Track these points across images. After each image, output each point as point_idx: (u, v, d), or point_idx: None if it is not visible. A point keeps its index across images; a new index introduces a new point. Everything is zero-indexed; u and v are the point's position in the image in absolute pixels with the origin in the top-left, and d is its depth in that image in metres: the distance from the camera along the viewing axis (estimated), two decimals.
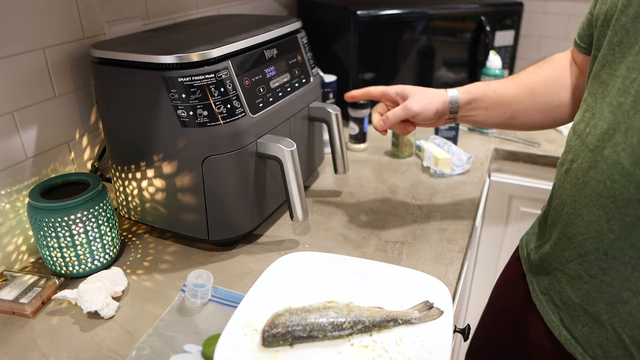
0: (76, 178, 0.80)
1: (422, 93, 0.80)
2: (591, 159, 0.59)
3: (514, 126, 0.83)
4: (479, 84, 0.82)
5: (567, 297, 0.66)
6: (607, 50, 0.61)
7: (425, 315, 0.64)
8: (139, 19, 0.98)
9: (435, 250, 0.83)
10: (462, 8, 1.37)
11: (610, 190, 0.57)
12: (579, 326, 0.64)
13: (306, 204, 0.82)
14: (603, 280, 0.59)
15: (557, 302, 0.68)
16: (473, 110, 0.81)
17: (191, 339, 0.64)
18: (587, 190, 0.60)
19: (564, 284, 0.66)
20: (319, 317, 0.61)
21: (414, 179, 1.08)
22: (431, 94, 0.80)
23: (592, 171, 0.59)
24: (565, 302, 0.66)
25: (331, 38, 1.37)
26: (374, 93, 0.85)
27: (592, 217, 0.60)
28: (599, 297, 0.60)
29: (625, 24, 0.58)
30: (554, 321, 0.69)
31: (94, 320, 0.69)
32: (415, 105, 0.78)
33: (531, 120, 0.81)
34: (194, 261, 0.82)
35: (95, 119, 0.93)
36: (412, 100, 0.79)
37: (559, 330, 0.68)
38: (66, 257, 0.75)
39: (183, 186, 0.78)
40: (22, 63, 0.78)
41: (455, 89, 0.81)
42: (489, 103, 0.80)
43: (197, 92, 0.72)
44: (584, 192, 0.61)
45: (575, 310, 0.64)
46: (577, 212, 0.62)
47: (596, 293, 0.60)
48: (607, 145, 0.57)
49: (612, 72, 0.60)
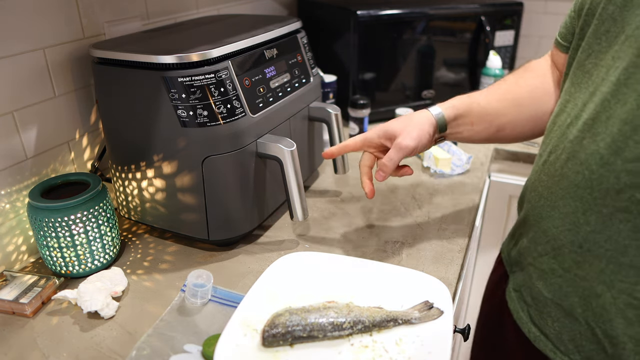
0: (76, 178, 0.80)
1: (408, 124, 0.73)
2: (570, 149, 0.58)
3: (501, 139, 0.80)
4: (462, 98, 0.78)
5: (537, 293, 0.65)
6: (593, 39, 0.59)
7: (425, 315, 0.64)
8: (139, 19, 0.98)
9: (435, 250, 0.83)
10: (462, 8, 1.37)
11: (588, 180, 0.55)
12: (549, 322, 0.64)
13: (306, 204, 0.82)
14: (577, 274, 0.59)
15: (527, 298, 0.68)
16: (459, 127, 0.77)
17: (191, 339, 0.64)
18: (564, 182, 0.59)
19: (535, 280, 0.65)
20: (319, 317, 0.61)
21: (414, 179, 1.08)
22: (418, 121, 0.74)
23: (571, 162, 0.58)
24: (535, 298, 0.66)
25: (331, 38, 1.37)
26: (353, 146, 0.77)
27: (568, 209, 0.59)
28: (572, 291, 0.60)
29: (612, 12, 0.56)
30: (522, 318, 0.69)
31: (94, 320, 0.69)
32: (410, 142, 0.71)
33: (518, 132, 0.79)
34: (194, 261, 0.82)
35: (95, 119, 0.93)
36: (403, 137, 0.72)
37: (528, 327, 0.68)
38: (66, 257, 0.75)
39: (183, 186, 0.78)
40: (22, 63, 0.78)
41: (437, 106, 0.76)
42: (475, 118, 0.76)
43: (197, 92, 0.72)
44: (561, 183, 0.60)
45: (546, 306, 0.64)
46: (553, 204, 0.61)
47: (569, 287, 0.60)
48: (587, 135, 0.56)
49: (597, 61, 0.58)
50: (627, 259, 0.54)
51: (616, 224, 0.54)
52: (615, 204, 0.53)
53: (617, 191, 0.53)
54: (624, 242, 0.53)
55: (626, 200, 0.52)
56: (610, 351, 0.57)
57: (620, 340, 0.56)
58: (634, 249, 0.53)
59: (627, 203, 0.52)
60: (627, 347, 0.55)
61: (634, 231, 0.53)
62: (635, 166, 0.51)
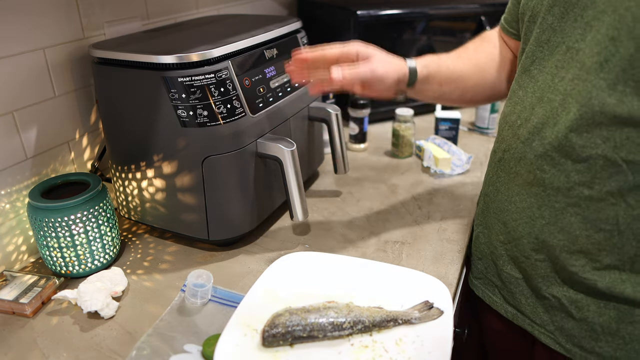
0: (76, 178, 0.80)
1: (385, 58, 0.74)
2: (522, 150, 0.65)
3: (461, 102, 0.84)
4: (433, 58, 0.78)
5: (507, 276, 0.72)
6: (536, 47, 0.65)
7: (425, 315, 0.64)
8: (139, 19, 0.98)
9: (435, 250, 0.83)
10: (462, 8, 1.37)
11: (541, 179, 0.62)
12: (522, 300, 0.71)
13: (306, 204, 0.82)
14: (537, 258, 0.66)
15: (497, 282, 0.75)
16: (427, 85, 0.77)
17: (191, 339, 0.64)
18: (519, 179, 0.66)
19: (502, 265, 0.72)
20: (319, 317, 0.61)
21: (414, 179, 1.08)
22: (394, 61, 0.74)
23: (523, 162, 0.65)
24: (505, 280, 0.73)
25: (331, 38, 1.36)
26: (330, 55, 0.71)
27: (524, 204, 0.66)
28: (535, 274, 0.67)
29: (552, 23, 0.61)
30: (496, 301, 0.76)
31: (94, 320, 0.69)
32: (381, 69, 0.70)
33: (478, 97, 0.83)
34: (194, 261, 0.82)
35: (95, 119, 0.93)
36: (377, 63, 0.71)
37: (504, 308, 0.75)
38: (66, 257, 0.75)
39: (183, 186, 0.78)
40: (22, 63, 0.78)
41: (413, 59, 0.76)
42: (443, 79, 0.78)
43: (197, 92, 0.72)
44: (516, 180, 0.67)
45: (518, 285, 0.71)
46: (511, 199, 0.68)
47: (532, 270, 0.68)
48: (536, 139, 0.62)
49: (541, 68, 0.64)
50: (577, 246, 0.61)
51: (567, 217, 0.61)
52: (566, 199, 0.61)
53: (567, 188, 0.60)
54: (575, 232, 0.61)
55: (575, 196, 0.60)
56: (577, 315, 0.64)
57: (584, 304, 0.63)
58: (584, 238, 0.60)
59: (577, 199, 0.60)
60: (591, 308, 0.63)
61: (583, 223, 0.60)
62: (583, 167, 0.58)
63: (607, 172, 0.56)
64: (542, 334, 0.69)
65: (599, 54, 0.55)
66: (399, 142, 1.17)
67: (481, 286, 0.78)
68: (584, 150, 0.57)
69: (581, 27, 0.57)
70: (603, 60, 0.55)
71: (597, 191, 0.58)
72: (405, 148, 1.18)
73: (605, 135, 0.55)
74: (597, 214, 0.59)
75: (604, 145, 0.56)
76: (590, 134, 0.56)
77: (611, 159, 0.56)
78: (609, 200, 0.57)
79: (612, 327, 0.61)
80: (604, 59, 0.54)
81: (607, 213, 0.58)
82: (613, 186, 0.57)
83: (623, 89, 0.53)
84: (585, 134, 0.57)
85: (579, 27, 0.58)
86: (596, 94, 0.55)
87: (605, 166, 0.56)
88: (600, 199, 0.58)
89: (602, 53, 0.55)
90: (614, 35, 0.53)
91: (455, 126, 1.21)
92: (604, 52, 0.54)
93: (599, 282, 0.61)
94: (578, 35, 0.58)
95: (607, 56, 0.54)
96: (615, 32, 0.53)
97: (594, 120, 0.56)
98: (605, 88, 0.55)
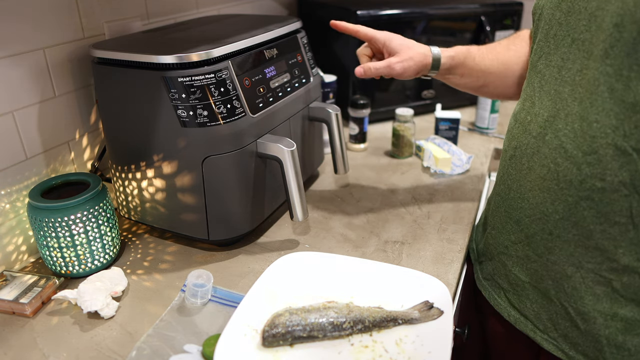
0: (76, 178, 0.80)
1: (407, 53, 0.80)
2: (534, 145, 0.65)
3: (481, 93, 0.88)
4: (463, 50, 0.83)
5: (515, 278, 0.71)
6: (544, 42, 0.66)
7: (425, 315, 0.64)
8: (139, 19, 0.98)
9: (435, 250, 0.83)
10: (462, 8, 1.37)
11: (554, 173, 0.62)
12: (527, 304, 0.70)
13: (306, 204, 0.82)
14: (549, 258, 0.65)
15: (504, 284, 0.74)
16: (449, 74, 0.84)
17: (191, 339, 0.64)
18: (531, 175, 0.65)
19: (511, 266, 0.71)
20: (319, 317, 0.61)
21: (414, 179, 1.08)
22: (416, 55, 0.80)
23: (536, 156, 0.64)
24: (513, 283, 0.72)
25: (331, 38, 1.37)
26: (362, 35, 0.83)
27: (537, 200, 0.65)
28: (546, 275, 0.66)
29: (559, 18, 0.63)
30: (501, 304, 0.75)
31: (94, 320, 0.69)
32: (399, 67, 0.79)
33: (499, 91, 0.86)
34: (194, 261, 0.82)
35: (95, 119, 0.93)
36: (396, 61, 0.80)
37: (507, 312, 0.74)
38: (66, 257, 0.75)
39: (183, 186, 0.78)
40: (22, 63, 0.78)
41: (440, 50, 0.82)
42: (466, 70, 0.83)
43: (197, 92, 0.72)
44: (529, 176, 0.66)
45: (524, 289, 0.70)
46: (523, 196, 0.67)
47: (543, 271, 0.66)
48: (549, 132, 0.62)
49: (547, 62, 0.64)
50: (592, 242, 0.60)
51: (581, 211, 0.60)
52: (579, 193, 0.60)
53: (580, 181, 0.59)
54: (589, 227, 0.60)
55: (588, 189, 0.59)
56: (582, 326, 0.63)
57: (591, 316, 0.62)
58: (599, 233, 0.59)
59: (589, 192, 0.59)
60: (598, 321, 0.62)
61: (597, 217, 0.59)
62: (593, 158, 0.57)
63: (617, 162, 0.56)
64: (545, 340, 0.68)
65: (604, 42, 0.55)
66: (399, 142, 1.17)
67: (488, 287, 0.78)
68: (595, 140, 0.57)
69: (586, 19, 0.58)
70: (608, 46, 0.55)
71: (609, 183, 0.57)
72: (405, 148, 1.18)
73: (615, 124, 0.55)
74: (610, 207, 0.58)
75: (614, 134, 0.55)
76: (599, 123, 0.56)
77: (621, 147, 0.55)
78: (622, 191, 0.56)
79: (618, 339, 0.61)
80: (609, 46, 0.55)
81: (620, 205, 0.57)
82: (625, 176, 0.56)
83: (628, 74, 0.53)
84: (595, 123, 0.56)
85: (583, 19, 0.59)
86: (604, 80, 0.55)
87: (615, 156, 0.56)
88: (612, 190, 0.57)
89: (607, 40, 0.55)
90: (618, 22, 0.54)
91: (455, 126, 1.21)
92: (609, 39, 0.55)
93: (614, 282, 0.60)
94: (583, 26, 0.59)
95: (612, 42, 0.54)
96: (618, 19, 0.54)
97: (603, 108, 0.56)
98: (613, 74, 0.55)
